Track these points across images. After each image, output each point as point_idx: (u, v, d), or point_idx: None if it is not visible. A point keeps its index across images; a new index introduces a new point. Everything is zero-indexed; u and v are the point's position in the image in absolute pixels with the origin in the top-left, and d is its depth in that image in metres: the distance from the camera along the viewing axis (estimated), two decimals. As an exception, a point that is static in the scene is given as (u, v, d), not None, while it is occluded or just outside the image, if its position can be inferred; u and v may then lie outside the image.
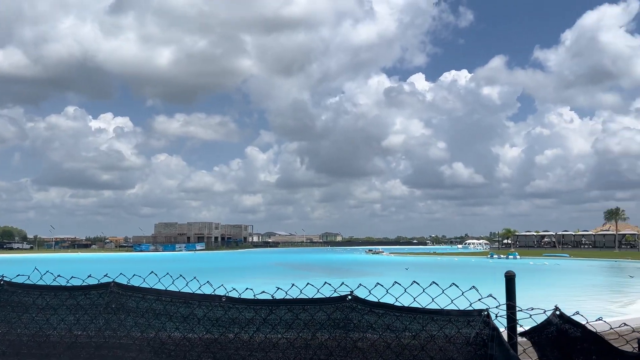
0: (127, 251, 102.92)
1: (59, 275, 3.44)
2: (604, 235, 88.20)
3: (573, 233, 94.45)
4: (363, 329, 2.83)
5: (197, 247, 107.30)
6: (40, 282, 3.44)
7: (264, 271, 46.28)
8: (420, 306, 2.76)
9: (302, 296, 3.03)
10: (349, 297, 2.88)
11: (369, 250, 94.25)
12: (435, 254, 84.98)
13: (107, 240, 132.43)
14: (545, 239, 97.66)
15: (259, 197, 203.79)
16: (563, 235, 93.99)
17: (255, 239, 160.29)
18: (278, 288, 3.11)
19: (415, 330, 2.72)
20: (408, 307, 2.79)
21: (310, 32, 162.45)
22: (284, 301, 3.04)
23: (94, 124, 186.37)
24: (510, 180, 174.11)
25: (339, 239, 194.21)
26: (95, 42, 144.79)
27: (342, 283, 3.04)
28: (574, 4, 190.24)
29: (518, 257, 64.87)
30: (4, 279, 3.43)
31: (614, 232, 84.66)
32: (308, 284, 3.16)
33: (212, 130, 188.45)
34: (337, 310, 2.89)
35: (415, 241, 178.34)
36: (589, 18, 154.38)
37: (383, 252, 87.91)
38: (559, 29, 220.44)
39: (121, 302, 3.25)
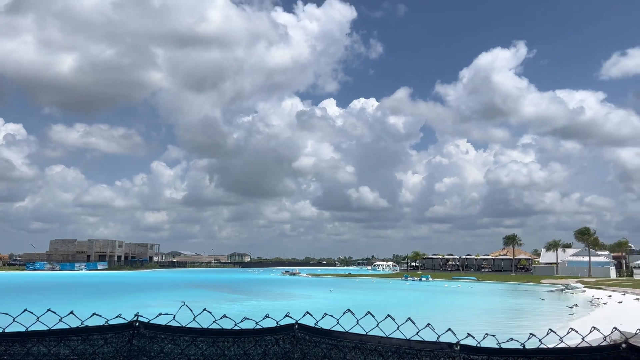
0: (17, 270, 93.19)
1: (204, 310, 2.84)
2: (502, 259, 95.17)
3: (475, 257, 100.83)
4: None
5: (99, 267, 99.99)
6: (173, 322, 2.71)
7: (185, 293, 44.19)
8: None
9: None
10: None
11: (286, 271, 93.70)
12: (350, 275, 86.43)
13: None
14: (450, 262, 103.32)
15: (164, 214, 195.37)
16: (466, 258, 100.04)
17: (156, 258, 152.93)
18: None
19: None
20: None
21: (224, 50, 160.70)
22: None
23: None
24: (411, 205, 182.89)
25: (247, 259, 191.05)
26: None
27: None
28: (472, 45, 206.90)
29: (430, 279, 67.84)
30: (140, 318, 2.72)
31: (511, 257, 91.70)
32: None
33: (115, 142, 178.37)
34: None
35: (324, 262, 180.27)
36: (484, 59, 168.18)
37: (300, 273, 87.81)
38: (457, 67, 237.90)
39: (304, 351, 2.63)
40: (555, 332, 2.72)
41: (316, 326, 2.80)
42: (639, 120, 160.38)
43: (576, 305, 28.92)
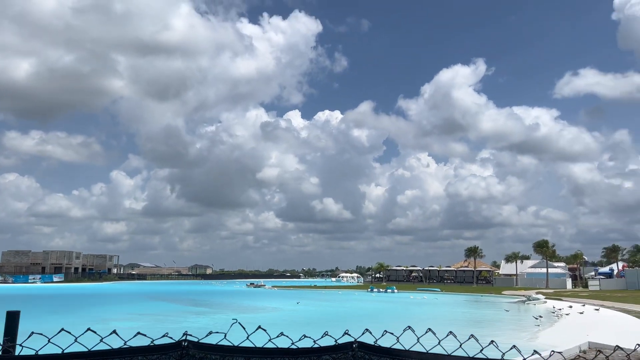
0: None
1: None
2: (464, 271, 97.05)
3: (437, 268, 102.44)
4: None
5: (55, 279, 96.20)
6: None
7: (148, 306, 43.03)
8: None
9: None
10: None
11: (251, 283, 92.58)
12: (316, 287, 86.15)
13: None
14: (414, 274, 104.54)
15: (123, 225, 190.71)
16: (429, 270, 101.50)
17: (115, 270, 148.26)
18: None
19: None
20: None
21: (187, 59, 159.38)
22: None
23: None
24: (374, 217, 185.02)
25: (209, 271, 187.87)
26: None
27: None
28: (433, 61, 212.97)
29: (396, 290, 68.40)
30: (188, 337, 2.59)
31: (473, 269, 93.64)
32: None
33: (73, 150, 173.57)
34: None
35: (288, 274, 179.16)
36: (445, 75, 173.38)
37: (265, 285, 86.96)
38: (419, 82, 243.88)
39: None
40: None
41: (376, 344, 2.77)
42: (590, 137, 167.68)
43: (541, 317, 29.72)
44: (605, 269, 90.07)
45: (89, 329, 2.73)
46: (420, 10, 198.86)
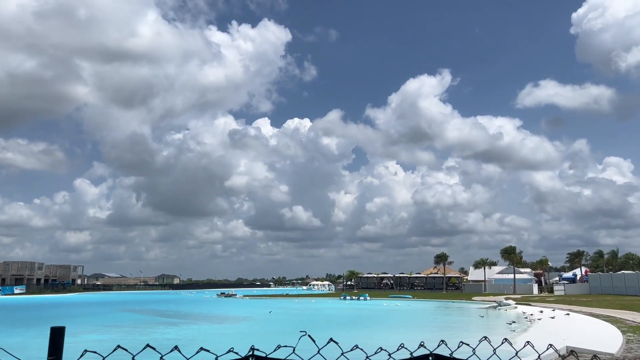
0: None
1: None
2: (434, 277, 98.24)
3: (407, 275, 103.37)
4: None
5: (17, 290, 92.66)
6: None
7: (118, 317, 41.91)
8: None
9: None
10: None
11: (222, 293, 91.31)
12: (288, 295, 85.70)
13: None
14: (385, 281, 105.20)
15: (87, 234, 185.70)
16: (399, 277, 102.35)
17: (79, 281, 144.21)
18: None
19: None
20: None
21: (154, 67, 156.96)
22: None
23: None
24: (344, 225, 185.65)
25: (177, 281, 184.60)
26: None
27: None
28: (400, 71, 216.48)
29: (368, 298, 68.72)
30: (256, 352, 2.51)
31: (442, 275, 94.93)
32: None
33: (34, 158, 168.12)
34: None
35: (258, 282, 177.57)
36: (411, 85, 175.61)
37: (236, 294, 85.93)
38: (387, 92, 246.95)
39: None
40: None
41: (451, 356, 2.80)
42: (550, 146, 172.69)
43: (514, 322, 30.38)
44: (569, 274, 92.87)
45: (147, 345, 2.67)
46: (387, 21, 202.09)
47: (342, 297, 72.04)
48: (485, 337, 2.98)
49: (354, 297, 70.26)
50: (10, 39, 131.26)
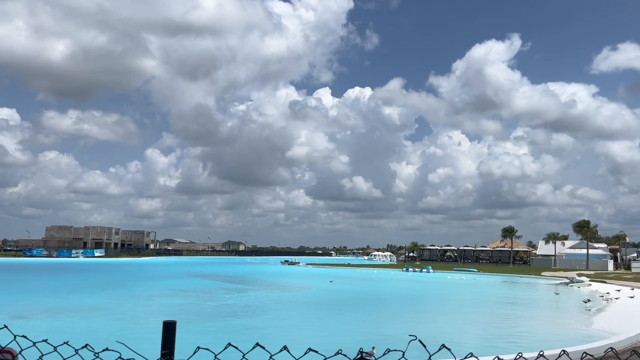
0: (14, 256, 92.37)
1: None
2: (500, 251, 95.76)
3: (472, 248, 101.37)
4: None
5: (97, 254, 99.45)
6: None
7: (196, 282, 43.94)
8: None
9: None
10: None
11: (285, 261, 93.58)
12: (350, 265, 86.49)
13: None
14: (448, 253, 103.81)
15: (157, 201, 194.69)
16: (464, 250, 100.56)
17: (152, 246, 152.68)
18: None
19: None
20: None
21: (217, 39, 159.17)
22: None
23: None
24: (405, 196, 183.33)
25: (242, 247, 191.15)
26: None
27: None
28: (465, 37, 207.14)
29: (432, 270, 68.03)
30: (363, 353, 2.46)
31: (509, 249, 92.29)
32: None
33: (108, 129, 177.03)
34: None
35: (319, 251, 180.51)
36: (477, 51, 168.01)
37: (299, 263, 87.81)
38: (451, 59, 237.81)
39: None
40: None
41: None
42: (629, 114, 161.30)
43: (590, 300, 29.05)
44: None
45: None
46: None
47: (404, 269, 71.80)
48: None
49: (416, 269, 69.81)
50: (83, 16, 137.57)
